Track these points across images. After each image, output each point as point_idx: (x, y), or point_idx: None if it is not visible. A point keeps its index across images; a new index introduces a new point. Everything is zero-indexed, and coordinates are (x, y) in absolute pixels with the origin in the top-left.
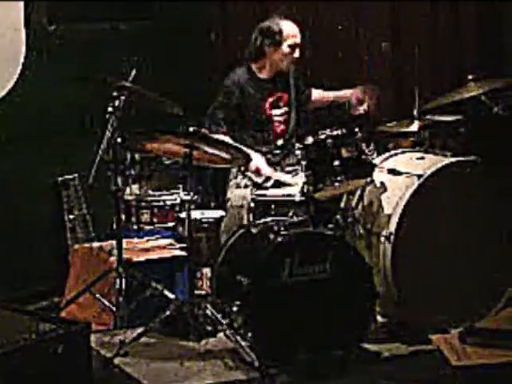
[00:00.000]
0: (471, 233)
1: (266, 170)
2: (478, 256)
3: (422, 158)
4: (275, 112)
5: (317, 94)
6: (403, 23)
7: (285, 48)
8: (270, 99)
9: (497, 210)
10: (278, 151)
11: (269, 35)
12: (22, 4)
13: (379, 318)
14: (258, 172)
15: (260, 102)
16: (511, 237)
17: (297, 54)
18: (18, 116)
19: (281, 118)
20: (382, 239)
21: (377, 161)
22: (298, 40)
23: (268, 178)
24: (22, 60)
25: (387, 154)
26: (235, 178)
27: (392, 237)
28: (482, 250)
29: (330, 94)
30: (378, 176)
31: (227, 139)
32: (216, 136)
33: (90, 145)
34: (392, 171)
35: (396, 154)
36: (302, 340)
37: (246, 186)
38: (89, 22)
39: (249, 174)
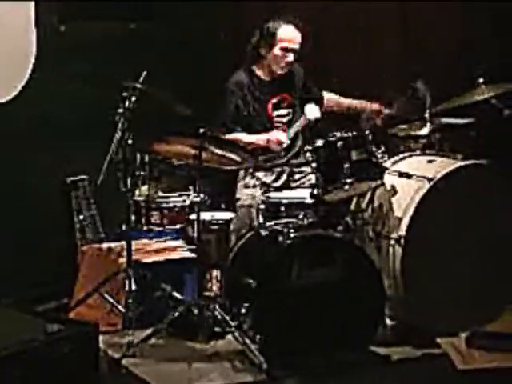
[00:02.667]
0: (481, 236)
1: (283, 138)
2: (487, 259)
3: (433, 161)
4: (277, 113)
5: (332, 98)
6: (414, 24)
7: (276, 50)
8: (274, 100)
9: (507, 213)
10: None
11: (264, 36)
12: (32, 4)
13: (388, 321)
14: (279, 143)
15: (262, 103)
16: None
17: (290, 58)
18: (28, 116)
19: (284, 120)
20: (392, 242)
21: (387, 163)
22: (293, 45)
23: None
24: (32, 61)
25: (398, 157)
26: (243, 178)
27: (402, 240)
28: (492, 253)
29: (346, 102)
30: (389, 179)
31: (243, 136)
32: (231, 136)
33: (100, 146)
34: (402, 174)
35: (407, 157)
36: (311, 342)
37: (254, 186)
38: (99, 21)
39: (272, 147)
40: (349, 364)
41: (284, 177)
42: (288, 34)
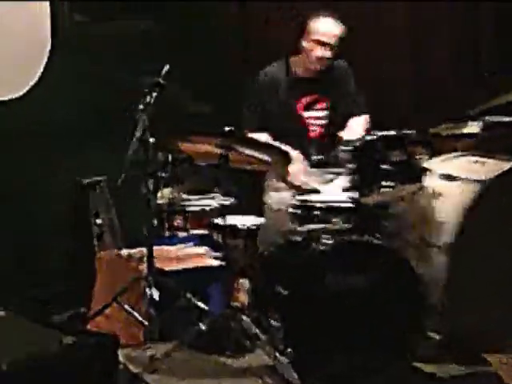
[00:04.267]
0: None
1: (300, 181)
2: None
3: (480, 162)
4: (309, 114)
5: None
6: (463, 24)
7: (306, 43)
8: (306, 99)
9: None
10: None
11: (301, 29)
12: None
13: (431, 335)
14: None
15: (292, 101)
16: None
17: (319, 52)
18: (42, 114)
19: (318, 122)
20: (436, 249)
21: (430, 165)
22: (324, 39)
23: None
24: (46, 56)
25: (442, 158)
26: (272, 180)
27: (447, 247)
28: None
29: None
30: (432, 181)
31: (266, 138)
32: (256, 135)
33: (119, 145)
34: (447, 176)
35: (451, 158)
36: (346, 357)
37: (284, 189)
38: (116, 18)
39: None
40: (389, 381)
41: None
42: (320, 27)
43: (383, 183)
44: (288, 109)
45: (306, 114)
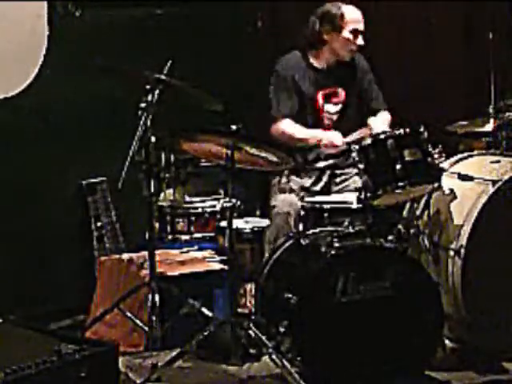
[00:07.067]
0: None
1: (339, 142)
2: None
3: (498, 162)
4: (327, 107)
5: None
6: (477, 17)
7: (346, 34)
8: (323, 91)
9: None
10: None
11: (329, 20)
12: None
13: (448, 343)
14: (332, 146)
15: (313, 91)
16: None
17: (360, 41)
18: (39, 112)
19: (333, 116)
20: (451, 253)
21: (445, 164)
22: (361, 26)
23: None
24: (43, 50)
25: (457, 157)
26: (278, 182)
27: (462, 251)
28: None
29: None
30: (447, 181)
31: (298, 130)
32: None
33: (120, 144)
34: (463, 176)
35: (467, 157)
36: (358, 366)
37: (291, 191)
38: (120, 7)
39: (323, 149)
40: None
41: (324, 179)
42: (356, 15)
43: (396, 184)
44: (307, 100)
45: (324, 107)
